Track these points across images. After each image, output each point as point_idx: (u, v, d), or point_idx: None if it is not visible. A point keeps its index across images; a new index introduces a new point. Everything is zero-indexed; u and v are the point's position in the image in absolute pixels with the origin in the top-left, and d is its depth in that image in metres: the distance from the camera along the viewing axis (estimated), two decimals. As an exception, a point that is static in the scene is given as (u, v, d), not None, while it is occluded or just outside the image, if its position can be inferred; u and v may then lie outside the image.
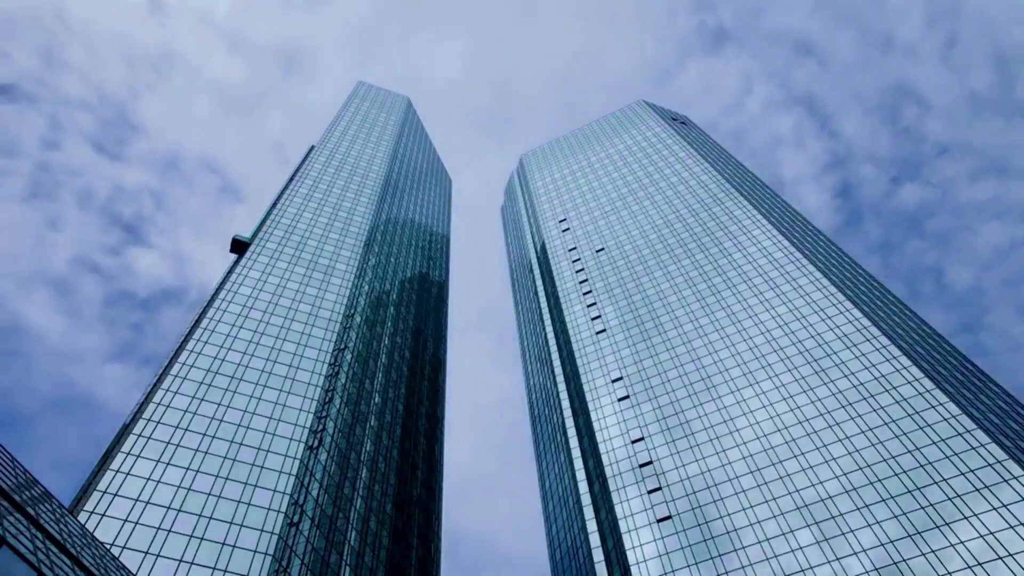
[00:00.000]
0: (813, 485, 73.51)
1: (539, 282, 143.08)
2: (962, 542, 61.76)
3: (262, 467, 71.48)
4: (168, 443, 69.75)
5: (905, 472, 69.93)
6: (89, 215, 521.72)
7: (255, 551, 62.32)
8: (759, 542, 70.82)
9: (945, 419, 72.88)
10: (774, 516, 72.54)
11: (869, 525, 66.99)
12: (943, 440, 70.97)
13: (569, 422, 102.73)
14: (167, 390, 76.13)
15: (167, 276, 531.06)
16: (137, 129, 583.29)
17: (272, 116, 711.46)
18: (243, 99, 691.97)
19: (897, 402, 77.36)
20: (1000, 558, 59.17)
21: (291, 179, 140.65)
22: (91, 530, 58.07)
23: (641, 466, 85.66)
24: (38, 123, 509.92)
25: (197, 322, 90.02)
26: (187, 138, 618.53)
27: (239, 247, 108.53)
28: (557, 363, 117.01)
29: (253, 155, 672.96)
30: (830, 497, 71.43)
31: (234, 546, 62.15)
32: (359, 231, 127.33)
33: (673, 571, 72.09)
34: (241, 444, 73.25)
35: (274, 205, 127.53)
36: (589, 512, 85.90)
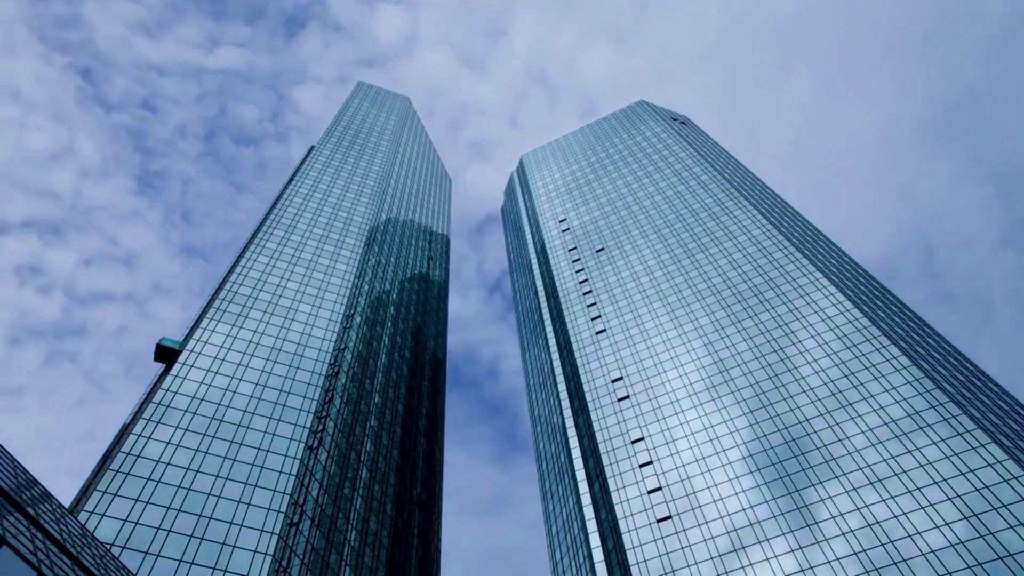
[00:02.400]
0: (813, 485, 73.51)
1: (539, 282, 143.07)
2: (962, 542, 61.76)
3: (262, 467, 71.48)
4: (168, 443, 69.75)
5: (905, 472, 69.93)
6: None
7: (255, 551, 62.33)
8: (759, 542, 70.83)
9: (945, 419, 72.88)
10: (774, 516, 72.55)
11: (869, 525, 67.00)
12: (943, 440, 70.96)
13: (569, 422, 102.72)
14: (167, 390, 76.13)
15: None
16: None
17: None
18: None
19: (897, 402, 77.36)
20: (1000, 558, 59.18)
21: (291, 179, 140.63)
22: (91, 530, 58.04)
23: (641, 466, 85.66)
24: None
25: (197, 322, 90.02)
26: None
27: (166, 355, 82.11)
28: (557, 363, 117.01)
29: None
30: (830, 497, 71.43)
31: (234, 546, 62.15)
32: (359, 231, 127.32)
33: (673, 571, 72.09)
34: (241, 444, 73.26)
35: (274, 204, 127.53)
36: (589, 512, 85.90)
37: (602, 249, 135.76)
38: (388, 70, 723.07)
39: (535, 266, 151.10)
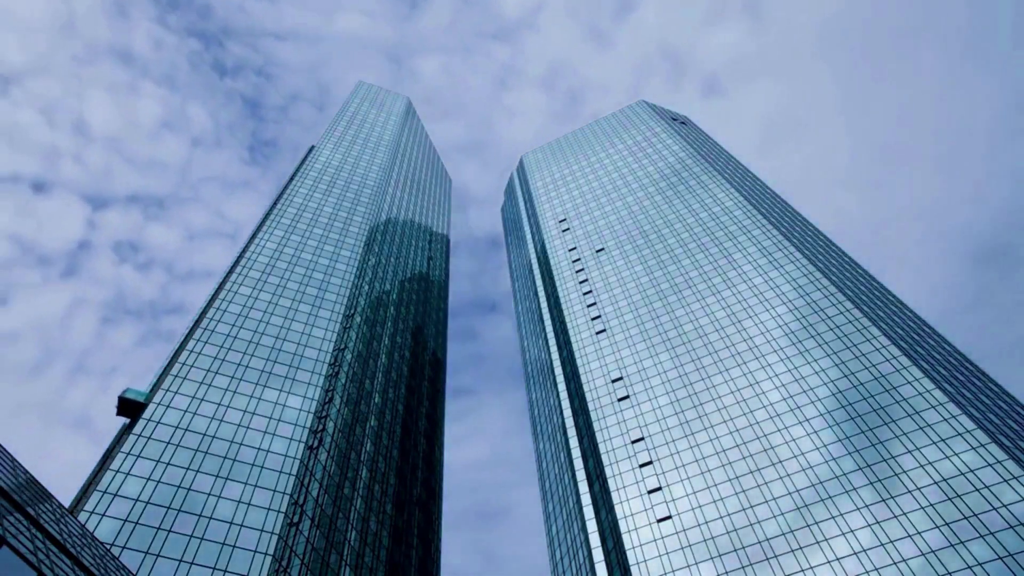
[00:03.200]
0: (813, 485, 73.52)
1: (539, 282, 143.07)
2: (962, 542, 61.76)
3: (262, 467, 71.48)
4: (168, 443, 69.75)
5: (905, 472, 69.92)
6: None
7: (255, 551, 62.33)
8: (759, 542, 70.84)
9: (945, 419, 72.88)
10: (774, 516, 72.56)
11: (869, 525, 67.00)
12: (943, 440, 70.97)
13: (569, 422, 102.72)
14: (167, 390, 76.14)
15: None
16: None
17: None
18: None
19: (897, 402, 77.36)
20: (1000, 558, 59.18)
21: (291, 179, 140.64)
22: (91, 530, 58.04)
23: (641, 466, 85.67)
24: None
25: (197, 322, 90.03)
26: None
27: (129, 409, 73.49)
28: (557, 363, 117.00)
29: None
30: (830, 497, 71.44)
31: (234, 546, 62.15)
32: (359, 231, 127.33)
33: (673, 571, 72.10)
34: (241, 444, 73.25)
35: (274, 205, 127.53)
36: (589, 512, 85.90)
37: (602, 249, 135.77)
38: (513, 43, 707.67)
39: (535, 266, 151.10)
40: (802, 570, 66.39)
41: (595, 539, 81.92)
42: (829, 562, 65.86)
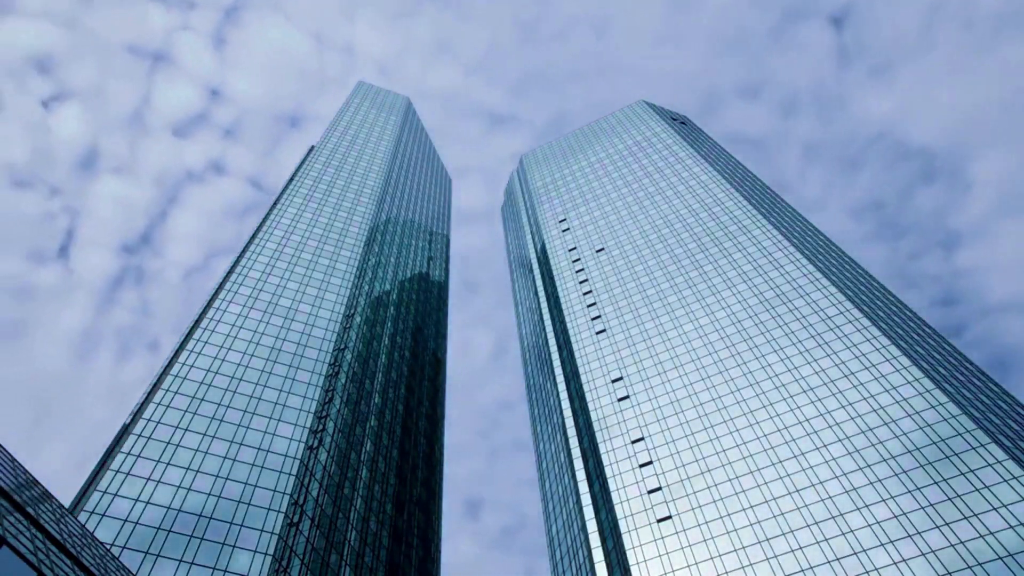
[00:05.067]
0: (813, 485, 73.52)
1: (539, 282, 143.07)
2: (962, 542, 61.76)
3: (262, 467, 71.49)
4: (168, 443, 69.76)
5: (905, 472, 69.93)
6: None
7: (255, 551, 62.33)
8: (759, 542, 70.82)
9: (945, 419, 72.88)
10: (774, 516, 72.55)
11: (869, 525, 67.00)
12: (943, 440, 70.97)
13: (569, 422, 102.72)
14: (167, 390, 76.14)
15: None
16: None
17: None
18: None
19: (897, 402, 77.36)
20: (1000, 558, 59.17)
21: (291, 179, 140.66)
22: (91, 530, 58.05)
23: (641, 466, 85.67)
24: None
25: (197, 322, 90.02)
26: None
27: None
28: (557, 363, 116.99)
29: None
30: (830, 497, 71.44)
31: (234, 546, 62.15)
32: (359, 231, 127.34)
33: (673, 571, 72.09)
34: (241, 444, 73.27)
35: (274, 205, 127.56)
36: (589, 512, 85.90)
37: (602, 249, 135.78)
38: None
39: (535, 266, 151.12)
40: (802, 570, 66.37)
41: (595, 539, 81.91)
42: (829, 562, 65.84)
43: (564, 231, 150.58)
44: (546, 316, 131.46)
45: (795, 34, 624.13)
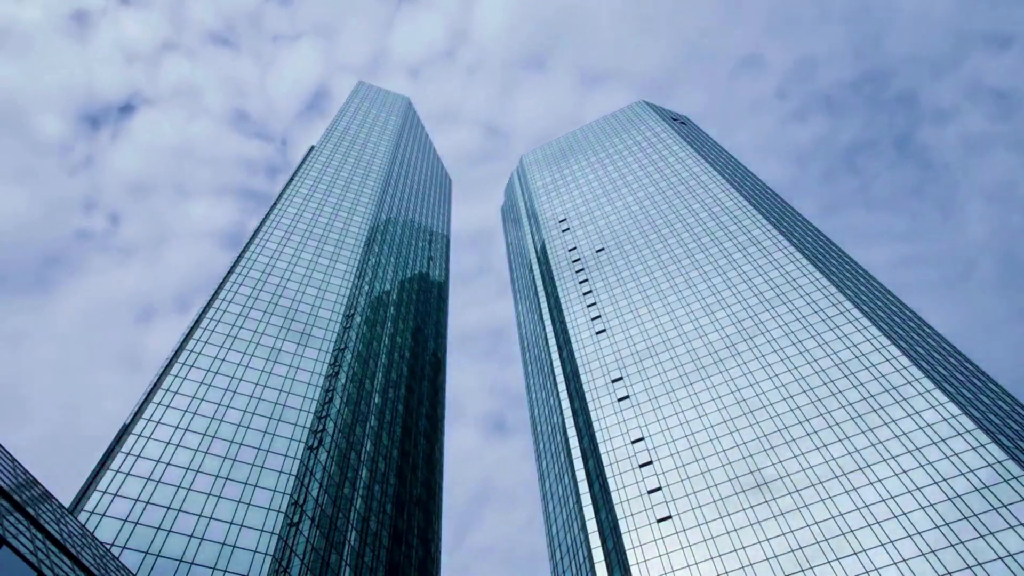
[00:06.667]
0: (813, 485, 73.51)
1: (539, 282, 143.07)
2: (962, 542, 61.76)
3: (262, 467, 71.49)
4: (168, 443, 69.76)
5: (905, 472, 69.93)
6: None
7: (255, 551, 62.33)
8: (759, 542, 70.82)
9: (945, 419, 72.88)
10: (774, 516, 72.55)
11: (869, 525, 67.00)
12: (943, 440, 70.97)
13: (569, 422, 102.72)
14: (167, 390, 76.15)
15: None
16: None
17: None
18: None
19: (897, 402, 77.37)
20: (1000, 558, 59.18)
21: (291, 179, 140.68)
22: (91, 530, 58.07)
23: (641, 466, 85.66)
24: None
25: (197, 322, 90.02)
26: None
27: None
28: (557, 363, 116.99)
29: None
30: (830, 497, 71.43)
31: (234, 546, 62.16)
32: (359, 231, 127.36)
33: (673, 571, 72.08)
34: (241, 444, 73.27)
35: (275, 205, 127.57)
36: (589, 512, 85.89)
37: (602, 249, 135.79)
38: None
39: (535, 266, 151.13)
40: (802, 570, 66.37)
41: (595, 539, 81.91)
42: (829, 562, 65.84)
43: (564, 231, 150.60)
44: (546, 316, 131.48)
45: None
